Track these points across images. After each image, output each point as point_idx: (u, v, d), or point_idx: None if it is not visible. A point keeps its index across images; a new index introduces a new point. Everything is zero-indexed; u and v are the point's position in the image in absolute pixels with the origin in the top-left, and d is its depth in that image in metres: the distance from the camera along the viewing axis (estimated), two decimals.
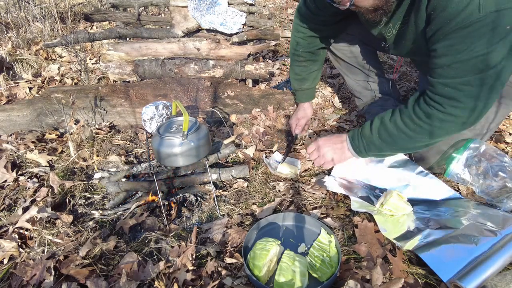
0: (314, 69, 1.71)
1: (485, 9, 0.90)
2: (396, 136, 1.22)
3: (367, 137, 1.29)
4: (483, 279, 0.97)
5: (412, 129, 1.17)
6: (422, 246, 1.11)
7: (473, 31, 0.93)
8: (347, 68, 1.86)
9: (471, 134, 1.43)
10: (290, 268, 1.07)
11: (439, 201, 1.36)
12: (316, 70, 1.72)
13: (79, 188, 1.57)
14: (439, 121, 1.11)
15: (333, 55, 1.84)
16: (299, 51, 1.65)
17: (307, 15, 1.51)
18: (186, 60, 2.33)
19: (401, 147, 1.27)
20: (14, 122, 1.99)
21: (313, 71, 1.71)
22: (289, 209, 1.40)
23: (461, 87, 1.03)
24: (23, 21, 3.70)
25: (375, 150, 1.30)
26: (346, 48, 1.76)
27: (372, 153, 1.32)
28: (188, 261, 1.13)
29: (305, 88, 1.75)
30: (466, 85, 1.02)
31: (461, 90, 1.03)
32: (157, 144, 1.35)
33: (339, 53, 1.79)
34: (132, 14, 2.48)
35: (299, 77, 1.73)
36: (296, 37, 1.63)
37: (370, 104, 1.89)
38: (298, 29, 1.59)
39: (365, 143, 1.30)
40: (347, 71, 1.87)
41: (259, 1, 5.14)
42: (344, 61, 1.81)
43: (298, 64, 1.70)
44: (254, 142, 1.85)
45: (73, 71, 2.87)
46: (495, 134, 1.77)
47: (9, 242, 1.24)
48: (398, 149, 1.29)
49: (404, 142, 1.22)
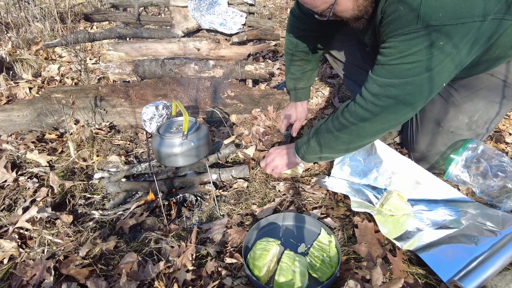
0: (309, 68, 1.73)
1: (422, 22, 0.94)
2: (325, 138, 1.28)
3: (305, 142, 1.36)
4: (483, 279, 0.97)
5: (337, 128, 1.22)
6: (422, 246, 1.11)
7: (408, 40, 0.99)
8: (345, 69, 1.86)
9: (470, 134, 1.43)
10: (290, 268, 1.07)
11: (439, 201, 1.36)
12: (310, 69, 1.74)
13: (79, 188, 1.57)
14: (359, 119, 1.15)
15: (331, 56, 1.84)
16: (293, 51, 1.66)
17: (300, 17, 1.53)
18: (186, 60, 2.33)
19: (331, 148, 1.29)
20: (14, 122, 1.99)
21: (307, 70, 1.73)
22: (289, 209, 1.40)
23: (386, 87, 1.08)
24: (23, 21, 3.70)
25: (313, 153, 1.35)
26: (343, 49, 1.77)
27: (312, 156, 1.37)
28: (188, 261, 1.13)
29: (300, 88, 1.77)
30: (390, 87, 1.07)
31: (385, 90, 1.08)
32: (157, 144, 1.35)
33: (336, 54, 1.79)
34: (132, 14, 2.48)
35: (294, 76, 1.74)
36: (290, 37, 1.64)
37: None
38: (292, 29, 1.61)
39: (305, 148, 1.36)
40: (345, 72, 1.87)
41: (259, 1, 5.14)
42: (341, 61, 1.82)
43: (293, 64, 1.71)
44: (254, 142, 1.85)
45: (73, 71, 2.87)
46: (495, 134, 1.77)
47: (9, 242, 1.24)
48: (329, 150, 1.31)
49: (331, 143, 1.27)
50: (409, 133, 1.59)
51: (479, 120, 1.40)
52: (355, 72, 1.83)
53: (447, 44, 0.96)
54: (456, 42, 0.96)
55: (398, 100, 1.08)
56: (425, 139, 1.50)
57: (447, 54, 0.98)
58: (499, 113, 1.39)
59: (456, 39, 0.95)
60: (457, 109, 1.40)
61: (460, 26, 0.94)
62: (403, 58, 1.02)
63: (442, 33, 0.94)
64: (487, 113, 1.38)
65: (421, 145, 1.52)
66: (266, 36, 2.44)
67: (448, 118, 1.43)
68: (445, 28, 0.94)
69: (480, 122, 1.40)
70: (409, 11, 0.95)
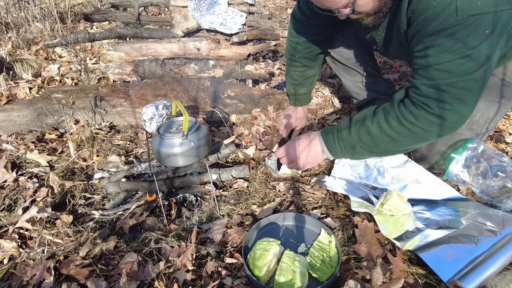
0: (311, 74, 1.70)
1: (462, 12, 0.90)
2: (379, 139, 1.16)
3: (345, 140, 1.22)
4: (483, 279, 0.97)
5: (397, 131, 1.12)
6: (422, 246, 1.11)
7: (452, 34, 0.94)
8: (343, 69, 1.85)
9: (470, 134, 1.43)
10: (290, 268, 1.07)
11: (439, 201, 1.36)
12: (313, 75, 1.71)
13: (79, 188, 1.57)
14: (428, 124, 1.07)
15: (329, 56, 1.83)
16: (295, 57, 1.63)
17: (301, 20, 1.50)
18: (186, 60, 2.33)
19: (383, 151, 1.22)
20: (14, 122, 1.99)
21: (309, 76, 1.70)
22: (289, 209, 1.40)
23: (445, 88, 1.01)
24: (23, 21, 3.70)
25: (354, 153, 1.24)
26: (342, 50, 1.76)
27: (349, 155, 1.27)
28: (188, 261, 1.13)
29: (302, 93, 1.73)
30: (449, 87, 1.01)
31: (446, 92, 1.02)
32: (157, 144, 1.35)
33: (335, 55, 1.79)
34: (132, 14, 2.48)
35: (296, 82, 1.71)
36: (292, 43, 1.61)
37: (366, 103, 1.89)
38: (294, 34, 1.58)
39: (342, 146, 1.24)
40: (343, 72, 1.87)
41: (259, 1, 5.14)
42: (340, 62, 1.81)
43: (295, 70, 1.68)
44: (254, 142, 1.85)
45: (73, 71, 2.87)
46: (495, 134, 1.77)
47: (9, 242, 1.24)
48: (380, 152, 1.23)
49: (388, 146, 1.17)
50: None
51: (480, 119, 1.39)
52: (354, 72, 1.83)
53: (493, 32, 0.92)
54: (500, 30, 0.93)
55: (461, 99, 1.01)
56: None
57: (494, 42, 0.95)
58: (498, 112, 1.39)
59: (499, 26, 0.92)
60: None
61: (500, 13, 0.91)
62: (453, 54, 0.96)
63: (485, 21, 0.91)
64: (487, 112, 1.38)
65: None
66: (266, 36, 2.44)
67: None
68: (486, 16, 0.90)
69: (480, 121, 1.40)
70: (445, 6, 0.91)
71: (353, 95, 1.94)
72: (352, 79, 1.86)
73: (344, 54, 1.77)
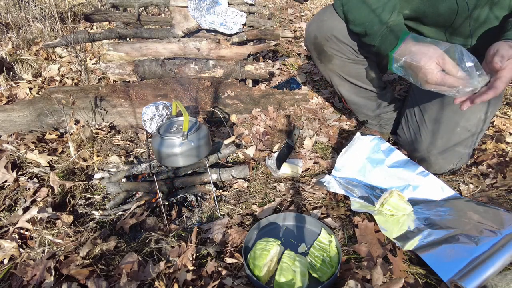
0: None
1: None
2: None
3: None
4: (484, 279, 0.97)
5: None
6: (423, 246, 1.11)
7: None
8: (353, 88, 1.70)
9: (468, 134, 1.43)
10: (290, 268, 1.07)
11: (439, 201, 1.36)
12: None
13: (79, 189, 1.57)
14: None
15: (339, 77, 1.67)
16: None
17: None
18: (186, 60, 2.33)
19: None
20: (14, 123, 1.99)
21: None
22: (289, 209, 1.40)
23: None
24: (23, 22, 3.70)
25: None
26: (358, 73, 1.62)
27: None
28: (188, 261, 1.13)
29: (393, 21, 1.24)
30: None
31: None
32: (157, 144, 1.36)
33: (350, 79, 1.65)
34: (132, 14, 2.48)
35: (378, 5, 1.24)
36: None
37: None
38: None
39: None
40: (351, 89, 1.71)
41: (259, 1, 5.14)
42: (352, 83, 1.68)
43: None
44: (254, 142, 1.85)
45: (73, 71, 2.87)
46: (495, 134, 1.77)
47: (10, 242, 1.24)
48: None
49: None
50: (409, 133, 1.60)
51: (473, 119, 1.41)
52: (364, 91, 1.69)
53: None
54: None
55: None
56: (426, 139, 1.50)
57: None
58: (491, 111, 1.41)
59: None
60: (456, 109, 1.40)
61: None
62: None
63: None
64: (483, 112, 1.39)
65: (421, 145, 1.52)
66: (266, 36, 2.44)
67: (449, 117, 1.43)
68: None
69: (475, 121, 1.41)
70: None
71: (359, 108, 1.81)
72: (362, 95, 1.73)
73: (360, 78, 1.63)
